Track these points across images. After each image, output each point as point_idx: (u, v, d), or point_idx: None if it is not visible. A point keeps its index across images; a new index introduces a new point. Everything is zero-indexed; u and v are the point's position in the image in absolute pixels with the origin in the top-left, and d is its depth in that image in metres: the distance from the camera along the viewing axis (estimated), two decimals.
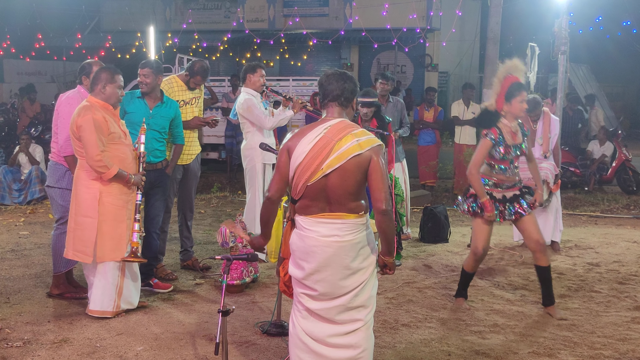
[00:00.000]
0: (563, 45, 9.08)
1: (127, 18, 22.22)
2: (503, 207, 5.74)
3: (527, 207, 5.75)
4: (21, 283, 6.57)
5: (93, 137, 5.34)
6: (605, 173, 13.04)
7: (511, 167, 5.77)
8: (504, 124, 5.69)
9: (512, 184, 5.80)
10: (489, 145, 5.65)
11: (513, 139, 5.70)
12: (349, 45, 25.53)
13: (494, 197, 5.74)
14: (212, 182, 12.94)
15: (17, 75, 23.46)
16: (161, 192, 6.40)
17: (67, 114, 5.76)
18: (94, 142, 5.34)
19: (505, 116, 5.69)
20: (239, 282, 6.29)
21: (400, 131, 8.52)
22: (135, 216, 5.64)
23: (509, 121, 5.71)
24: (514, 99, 5.62)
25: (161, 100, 6.33)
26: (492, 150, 5.68)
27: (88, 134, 5.34)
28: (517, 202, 5.74)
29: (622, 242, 8.58)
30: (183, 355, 4.88)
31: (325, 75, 3.93)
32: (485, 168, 5.81)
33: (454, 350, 5.01)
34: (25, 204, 10.94)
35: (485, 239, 5.83)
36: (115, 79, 5.53)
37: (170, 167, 6.46)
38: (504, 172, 5.76)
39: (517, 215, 5.73)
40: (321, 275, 3.78)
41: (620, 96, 27.13)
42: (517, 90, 5.63)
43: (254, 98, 7.11)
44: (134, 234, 5.61)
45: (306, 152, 3.74)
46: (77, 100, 5.86)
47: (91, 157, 5.35)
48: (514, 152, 5.72)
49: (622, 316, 5.79)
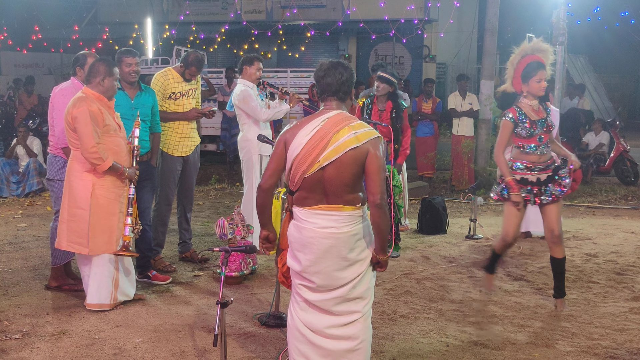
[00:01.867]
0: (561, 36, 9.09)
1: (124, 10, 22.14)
2: (538, 190, 5.67)
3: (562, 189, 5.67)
4: (19, 275, 6.57)
5: (88, 128, 5.31)
6: (603, 164, 13.05)
7: (541, 146, 5.67)
8: (524, 103, 5.69)
9: (544, 165, 5.71)
10: (509, 125, 5.64)
11: (536, 114, 5.67)
12: (346, 37, 25.47)
13: (529, 181, 5.66)
14: (211, 174, 12.94)
15: (14, 68, 23.40)
16: (149, 184, 6.38)
17: (62, 105, 5.75)
18: (89, 133, 5.31)
19: (526, 96, 5.69)
20: (238, 273, 6.29)
21: None
22: (128, 210, 5.61)
23: (529, 100, 5.69)
24: (531, 79, 5.62)
25: (140, 89, 6.29)
26: (516, 129, 5.64)
27: (83, 125, 5.32)
28: (553, 183, 5.67)
29: (620, 233, 8.59)
30: (182, 346, 4.89)
31: (321, 69, 3.88)
32: (516, 152, 5.77)
33: (452, 341, 5.03)
34: (23, 196, 10.93)
35: (516, 225, 5.74)
36: (114, 72, 5.51)
37: (153, 158, 6.45)
38: (534, 152, 5.67)
39: (554, 197, 5.66)
40: (319, 267, 3.78)
41: (618, 87, 27.10)
42: (533, 70, 5.61)
43: (250, 89, 7.11)
44: (126, 227, 5.59)
45: (303, 144, 3.74)
46: (71, 92, 5.83)
47: (86, 149, 5.33)
48: (540, 127, 5.64)
49: (620, 307, 5.80)
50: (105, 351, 4.81)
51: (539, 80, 5.61)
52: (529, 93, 5.68)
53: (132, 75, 6.17)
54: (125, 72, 6.13)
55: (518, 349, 4.90)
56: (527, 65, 5.65)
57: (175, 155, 6.77)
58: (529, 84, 5.64)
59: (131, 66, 6.15)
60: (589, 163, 12.94)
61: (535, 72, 5.61)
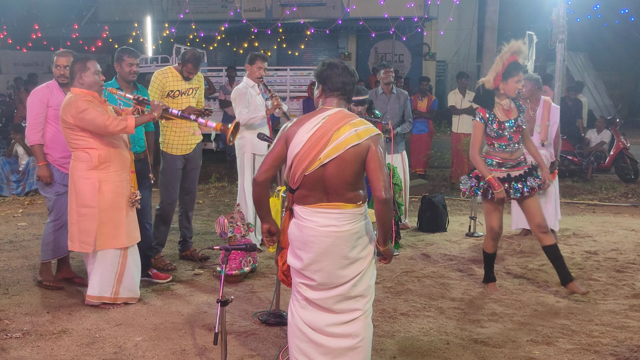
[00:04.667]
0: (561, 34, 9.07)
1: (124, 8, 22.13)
2: (508, 186, 5.78)
3: (530, 188, 5.78)
4: (20, 274, 6.57)
5: (93, 111, 5.32)
6: (604, 161, 13.06)
7: (511, 144, 5.82)
8: (496, 102, 5.78)
9: (516, 162, 5.85)
10: (480, 125, 5.79)
11: (506, 115, 5.78)
12: (346, 35, 25.45)
13: (498, 177, 5.78)
14: (210, 173, 12.93)
15: (14, 66, 23.39)
16: (148, 182, 6.40)
17: (30, 103, 5.98)
18: (97, 114, 5.32)
19: (497, 94, 5.77)
20: (238, 272, 6.30)
21: (399, 128, 8.47)
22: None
23: (500, 99, 5.79)
24: (510, 78, 5.70)
25: (136, 88, 6.33)
26: (486, 129, 5.78)
27: (87, 113, 5.32)
28: (521, 182, 5.78)
29: (620, 230, 8.60)
30: (182, 345, 4.89)
31: (329, 66, 3.87)
32: (487, 149, 5.92)
33: (452, 339, 5.03)
34: (23, 195, 10.93)
35: (498, 218, 5.90)
36: (88, 66, 5.47)
37: (150, 156, 6.48)
38: (504, 150, 5.82)
39: (521, 195, 5.76)
40: (319, 265, 3.78)
41: (618, 84, 27.09)
42: (515, 69, 5.70)
43: (249, 89, 7.22)
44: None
45: (304, 141, 3.73)
46: (43, 91, 6.00)
47: (105, 127, 5.33)
48: (509, 128, 5.76)
49: (620, 304, 5.80)
50: (106, 350, 4.81)
51: (517, 81, 5.71)
52: (504, 92, 5.76)
53: (132, 75, 6.20)
54: (126, 71, 6.16)
55: (518, 346, 4.90)
56: (510, 64, 5.71)
57: (176, 154, 6.77)
58: (508, 82, 5.72)
59: (132, 66, 6.18)
60: (589, 160, 12.95)
61: (517, 72, 5.71)
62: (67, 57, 6.05)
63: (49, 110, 5.98)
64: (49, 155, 6.01)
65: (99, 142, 5.43)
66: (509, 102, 5.79)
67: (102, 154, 5.45)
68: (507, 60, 5.73)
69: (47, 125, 5.99)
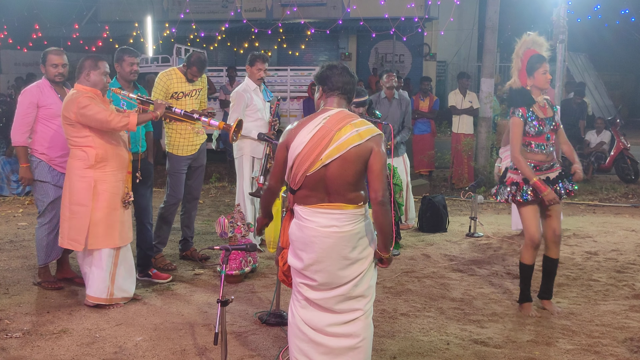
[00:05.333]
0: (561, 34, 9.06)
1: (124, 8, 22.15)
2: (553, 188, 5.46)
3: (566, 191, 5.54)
4: (20, 274, 6.57)
5: (95, 107, 5.33)
6: (604, 162, 13.06)
7: (548, 144, 5.50)
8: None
9: (550, 164, 5.55)
10: (520, 123, 5.42)
11: (543, 112, 5.50)
12: (346, 35, 25.46)
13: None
14: (211, 173, 12.93)
15: (15, 66, 23.38)
16: (149, 182, 6.42)
17: (20, 103, 6.03)
18: (99, 110, 5.33)
19: (530, 91, 5.50)
20: (238, 272, 6.30)
21: (398, 137, 8.47)
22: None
23: (535, 95, 5.50)
24: (536, 72, 5.44)
25: (136, 88, 6.34)
26: (525, 126, 5.44)
27: (89, 109, 5.33)
28: (557, 184, 5.51)
29: (621, 231, 8.60)
30: (182, 345, 4.89)
31: (328, 67, 3.90)
32: (522, 150, 5.52)
33: (452, 340, 5.03)
34: (23, 195, 10.93)
35: (537, 225, 5.50)
36: (99, 66, 5.49)
37: (150, 155, 6.50)
38: (542, 151, 5.48)
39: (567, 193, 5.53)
40: (320, 266, 3.78)
41: (618, 85, 27.11)
42: (537, 62, 5.45)
43: (249, 92, 7.20)
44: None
45: (305, 142, 3.73)
46: (33, 91, 6.02)
47: (107, 123, 5.34)
48: (548, 125, 5.47)
49: (620, 304, 5.80)
50: (106, 349, 4.81)
51: (544, 72, 5.44)
52: (534, 86, 5.48)
53: (132, 75, 6.21)
54: (126, 70, 6.17)
55: (518, 347, 4.90)
56: (531, 58, 5.48)
57: (181, 155, 6.77)
58: (535, 76, 5.45)
59: (133, 66, 6.19)
60: (589, 161, 12.95)
61: (540, 63, 5.45)
62: (62, 55, 6.07)
63: (40, 110, 5.96)
64: (46, 155, 5.99)
65: (97, 140, 5.43)
66: (543, 99, 5.54)
67: (100, 153, 5.45)
68: (525, 54, 5.51)
69: (39, 124, 5.97)
